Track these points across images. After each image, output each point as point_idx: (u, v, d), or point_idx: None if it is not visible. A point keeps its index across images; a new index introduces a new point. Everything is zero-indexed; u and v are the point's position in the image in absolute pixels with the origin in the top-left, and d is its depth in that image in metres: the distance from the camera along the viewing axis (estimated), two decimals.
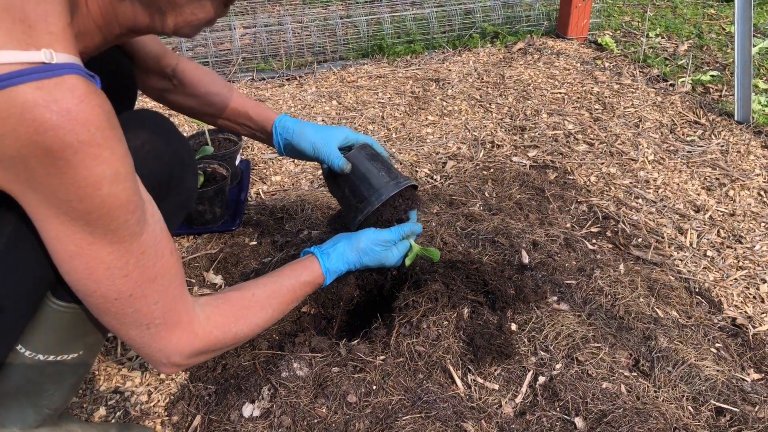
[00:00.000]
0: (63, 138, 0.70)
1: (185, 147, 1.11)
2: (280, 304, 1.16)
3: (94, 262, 0.81)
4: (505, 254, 1.68)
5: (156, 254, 0.88)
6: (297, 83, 2.92)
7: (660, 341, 1.46)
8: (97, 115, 0.74)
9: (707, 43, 3.42)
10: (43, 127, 0.69)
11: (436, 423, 1.24)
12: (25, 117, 0.69)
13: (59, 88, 0.71)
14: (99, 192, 0.76)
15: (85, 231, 0.78)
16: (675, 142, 2.42)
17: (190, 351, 0.97)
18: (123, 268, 0.83)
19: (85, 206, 0.76)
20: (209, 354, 1.03)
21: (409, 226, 1.40)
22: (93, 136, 0.73)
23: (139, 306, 0.88)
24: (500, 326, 1.44)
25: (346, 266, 1.29)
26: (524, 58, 3.16)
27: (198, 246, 1.81)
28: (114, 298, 0.85)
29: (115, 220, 0.79)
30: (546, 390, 1.34)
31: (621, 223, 1.95)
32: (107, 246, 0.80)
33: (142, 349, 0.94)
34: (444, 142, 2.42)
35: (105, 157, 0.75)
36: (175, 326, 0.94)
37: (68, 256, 0.80)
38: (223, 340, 1.02)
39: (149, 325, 0.91)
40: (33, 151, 0.70)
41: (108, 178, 0.76)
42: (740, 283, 1.73)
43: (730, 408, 1.32)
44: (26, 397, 1.02)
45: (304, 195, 2.02)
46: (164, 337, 0.93)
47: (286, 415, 1.25)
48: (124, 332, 0.91)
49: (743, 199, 2.10)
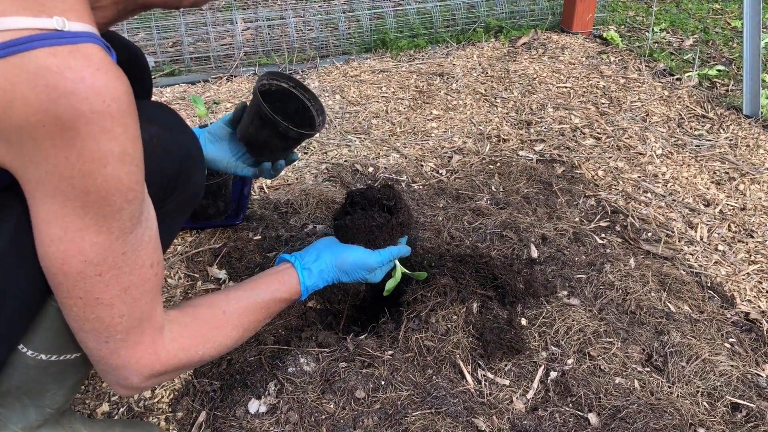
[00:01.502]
0: (76, 106, 0.67)
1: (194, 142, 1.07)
2: (251, 321, 1.08)
3: (72, 251, 0.75)
4: (514, 248, 1.66)
5: (136, 261, 0.82)
6: (300, 78, 2.89)
7: (673, 336, 1.43)
8: (114, 86, 0.70)
9: (713, 38, 3.39)
10: (56, 93, 0.65)
11: (446, 419, 1.21)
12: (37, 83, 0.65)
13: (74, 55, 0.67)
14: (103, 170, 0.71)
15: (77, 214, 0.73)
16: (683, 136, 2.40)
17: (150, 373, 0.90)
18: (99, 266, 0.78)
19: (85, 184, 0.71)
20: (170, 375, 0.95)
21: (398, 249, 1.33)
22: (108, 107, 0.69)
23: (102, 314, 0.81)
24: (510, 321, 1.41)
25: (324, 284, 1.23)
26: (529, 52, 3.13)
27: (201, 241, 1.78)
28: (78, 296, 0.79)
29: (111, 206, 0.74)
30: (558, 385, 1.31)
31: (630, 217, 1.92)
32: (93, 235, 0.75)
33: (98, 363, 0.87)
34: (449, 137, 2.39)
35: (116, 134, 0.71)
36: (136, 345, 0.86)
37: (49, 240, 0.75)
38: (187, 363, 0.95)
39: (108, 339, 0.83)
40: (42, 119, 0.66)
41: (115, 156, 0.72)
42: (753, 277, 1.71)
43: (746, 404, 1.30)
44: (28, 397, 0.99)
45: (309, 189, 1.99)
46: (122, 356, 0.86)
47: (293, 411, 1.22)
48: (81, 339, 0.84)
49: (753, 193, 2.07)
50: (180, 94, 2.71)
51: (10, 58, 0.64)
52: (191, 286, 1.62)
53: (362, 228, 1.28)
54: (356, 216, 1.30)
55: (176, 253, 1.74)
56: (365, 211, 1.32)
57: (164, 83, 2.82)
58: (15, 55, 0.64)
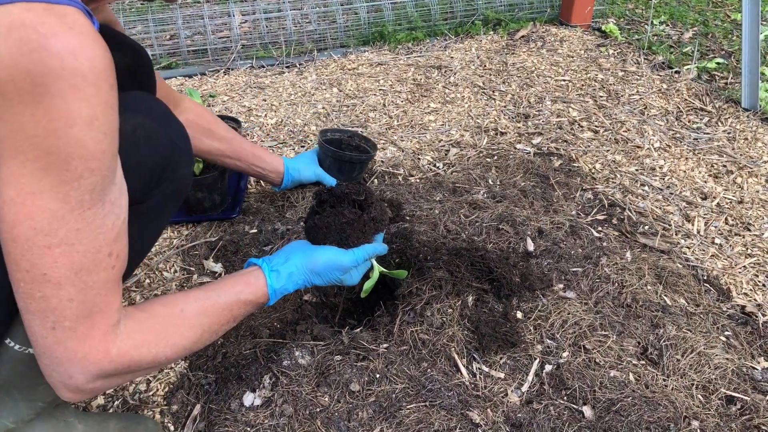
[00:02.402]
0: (46, 61, 0.65)
1: (180, 132, 1.04)
2: (212, 323, 1.01)
3: (23, 214, 0.71)
4: (510, 242, 1.65)
5: (93, 243, 0.77)
6: (297, 71, 2.88)
7: (668, 329, 1.43)
8: (89, 47, 0.69)
9: (712, 31, 3.38)
10: (27, 47, 0.65)
11: (441, 412, 1.21)
12: (9, 36, 0.64)
13: (48, 12, 0.67)
14: (68, 130, 0.69)
15: (34, 176, 0.70)
16: (681, 130, 2.39)
17: (98, 371, 0.83)
18: (48, 236, 0.73)
19: (48, 144, 0.69)
20: (120, 378, 0.89)
21: (373, 248, 1.27)
22: (80, 65, 0.67)
23: (48, 293, 0.76)
24: (505, 314, 1.41)
25: (295, 287, 1.17)
26: (527, 45, 3.12)
27: (197, 234, 1.78)
28: (25, 268, 0.74)
29: (71, 171, 0.71)
30: (553, 378, 1.31)
31: (627, 210, 1.92)
32: (48, 201, 0.71)
33: (42, 356, 0.81)
34: (447, 130, 2.38)
35: (86, 94, 0.69)
36: (85, 338, 0.80)
37: (2, 203, 0.71)
38: (138, 362, 0.88)
39: (55, 325, 0.78)
40: (12, 74, 0.65)
41: (83, 118, 0.69)
42: (749, 270, 1.70)
43: (740, 396, 1.30)
44: (18, 391, 0.99)
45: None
46: (69, 348, 0.80)
47: (287, 404, 1.22)
48: (28, 323, 0.79)
49: (751, 186, 2.07)
50: (177, 87, 2.70)
51: None
52: (187, 279, 1.62)
53: (332, 226, 1.22)
54: (325, 214, 1.24)
55: (172, 246, 1.74)
56: (334, 208, 1.25)
57: (161, 76, 2.81)
58: None
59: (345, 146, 2.01)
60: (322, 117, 2.46)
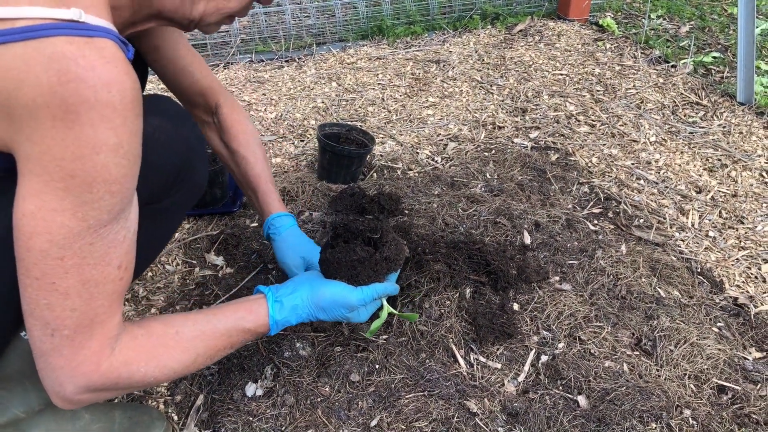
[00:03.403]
0: (82, 92, 0.70)
1: (196, 134, 1.07)
2: (208, 348, 0.99)
3: (41, 228, 0.75)
4: (507, 235, 1.68)
5: (104, 257, 0.80)
6: (296, 65, 2.89)
7: (662, 321, 1.46)
8: (121, 81, 0.73)
9: (709, 25, 3.39)
10: (66, 77, 0.69)
11: (439, 401, 1.24)
12: (51, 65, 0.69)
13: (89, 46, 0.71)
14: (94, 157, 0.73)
15: (56, 195, 0.74)
16: (677, 124, 2.41)
17: (86, 384, 0.84)
18: (63, 249, 0.76)
19: (74, 167, 0.73)
20: (108, 392, 0.89)
21: (383, 287, 1.20)
22: (111, 98, 0.72)
23: (53, 302, 0.79)
24: (502, 306, 1.44)
25: (298, 320, 1.12)
26: (525, 39, 3.14)
27: (199, 227, 1.81)
28: (35, 276, 0.78)
29: (92, 194, 0.75)
30: (548, 369, 1.34)
31: (623, 203, 1.94)
32: (67, 218, 0.75)
33: (39, 359, 0.83)
34: (445, 124, 2.40)
35: (115, 124, 0.73)
36: (80, 348, 0.82)
37: (21, 214, 0.75)
38: (127, 380, 0.88)
39: (54, 332, 0.80)
40: (48, 100, 0.69)
41: (110, 146, 0.74)
42: (742, 263, 1.73)
43: (731, 386, 1.33)
44: (30, 382, 1.01)
45: (305, 177, 2.01)
46: (65, 356, 0.82)
47: (289, 394, 1.25)
48: (29, 326, 0.82)
49: (745, 180, 2.09)
50: None
51: (29, 42, 0.68)
52: (189, 273, 1.65)
53: (343, 262, 1.17)
54: (337, 249, 1.20)
55: (174, 239, 1.76)
56: (348, 244, 1.22)
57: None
58: (34, 39, 0.68)
59: (343, 140, 2.03)
60: (321, 111, 2.48)
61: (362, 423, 1.21)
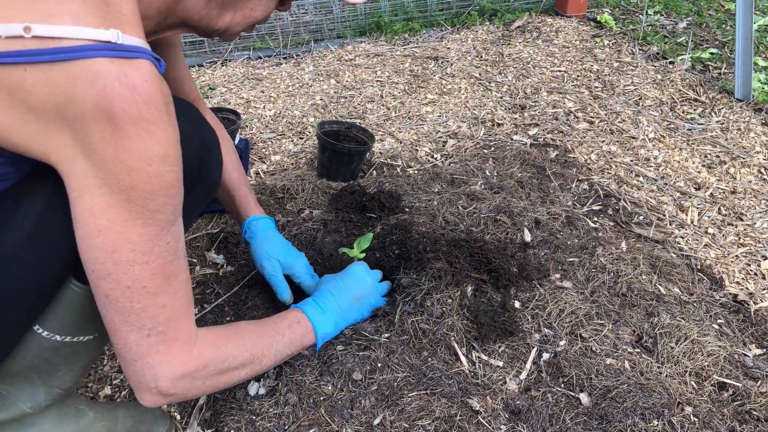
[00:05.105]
0: (126, 109, 0.75)
1: (212, 135, 1.11)
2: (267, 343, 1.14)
3: (121, 240, 0.81)
4: (508, 232, 1.68)
5: (177, 250, 0.88)
6: (294, 62, 2.89)
7: (663, 318, 1.46)
8: (159, 97, 0.78)
9: (706, 21, 3.40)
10: (110, 95, 0.74)
11: (441, 399, 1.24)
12: (95, 84, 0.74)
13: (129, 65, 0.76)
14: (148, 168, 0.78)
15: (122, 207, 0.79)
16: (675, 120, 2.42)
17: (182, 372, 0.93)
18: (147, 254, 0.83)
19: (131, 180, 0.78)
20: (197, 380, 0.97)
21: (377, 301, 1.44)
22: (152, 113, 0.77)
23: (147, 303, 0.86)
24: (504, 304, 1.44)
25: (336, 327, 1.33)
26: (523, 36, 3.14)
27: (199, 226, 1.80)
28: (127, 285, 0.84)
29: (155, 201, 0.81)
30: (550, 366, 1.34)
31: (622, 201, 1.95)
32: (140, 227, 0.81)
33: (133, 363, 0.90)
34: (444, 121, 2.40)
35: (158, 136, 0.78)
36: (173, 341, 0.91)
37: (96, 231, 0.80)
38: (214, 362, 0.98)
39: (151, 331, 0.88)
40: (95, 115, 0.74)
41: (158, 156, 0.79)
42: (741, 260, 1.74)
43: (732, 383, 1.34)
44: (39, 377, 1.02)
45: (305, 174, 2.01)
46: (160, 351, 0.90)
47: (291, 393, 1.25)
48: (123, 334, 0.88)
49: (744, 176, 2.10)
50: None
51: (75, 62, 0.73)
52: (190, 271, 1.64)
53: None
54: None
55: None
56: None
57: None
58: (79, 60, 0.73)
59: (343, 138, 2.02)
60: (320, 108, 2.48)
61: (365, 421, 1.21)
